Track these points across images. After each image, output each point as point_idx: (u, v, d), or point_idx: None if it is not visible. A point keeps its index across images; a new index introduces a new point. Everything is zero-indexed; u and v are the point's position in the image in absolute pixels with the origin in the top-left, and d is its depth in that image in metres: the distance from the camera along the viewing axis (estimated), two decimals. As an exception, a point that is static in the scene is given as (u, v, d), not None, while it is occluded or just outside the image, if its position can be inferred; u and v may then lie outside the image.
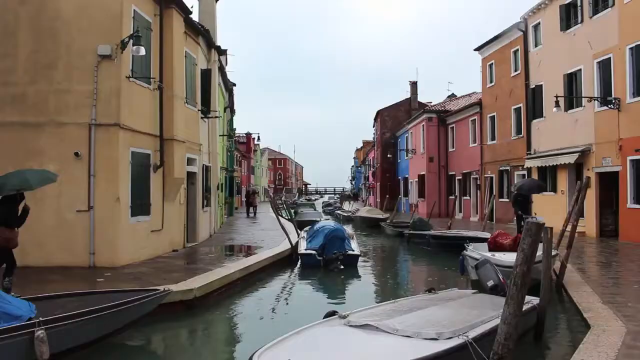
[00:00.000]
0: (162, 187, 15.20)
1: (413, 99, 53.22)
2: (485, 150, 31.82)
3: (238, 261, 14.25)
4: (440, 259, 18.40)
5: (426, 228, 23.10)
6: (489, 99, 31.44)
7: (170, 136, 15.06)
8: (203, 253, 16.15)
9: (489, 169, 31.19)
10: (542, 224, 5.72)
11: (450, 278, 14.36)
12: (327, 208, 62.03)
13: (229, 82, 31.63)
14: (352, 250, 16.77)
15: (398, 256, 21.75)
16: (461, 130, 36.21)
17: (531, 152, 25.88)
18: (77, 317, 6.87)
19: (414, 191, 43.72)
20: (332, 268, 15.46)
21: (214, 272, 12.16)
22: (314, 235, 17.27)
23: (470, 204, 34.21)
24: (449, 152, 38.62)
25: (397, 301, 8.30)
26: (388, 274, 16.66)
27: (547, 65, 24.39)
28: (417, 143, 42.89)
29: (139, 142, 13.81)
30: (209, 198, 20.73)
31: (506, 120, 28.95)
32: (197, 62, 18.60)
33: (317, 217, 31.52)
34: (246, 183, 63.35)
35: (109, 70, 12.87)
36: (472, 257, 12.56)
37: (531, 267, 5.53)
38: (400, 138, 51.49)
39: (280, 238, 19.82)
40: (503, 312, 5.49)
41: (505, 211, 28.95)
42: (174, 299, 9.63)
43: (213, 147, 22.20)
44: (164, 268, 12.76)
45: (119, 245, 12.96)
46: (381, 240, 27.12)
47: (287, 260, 16.68)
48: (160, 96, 14.79)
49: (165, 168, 15.09)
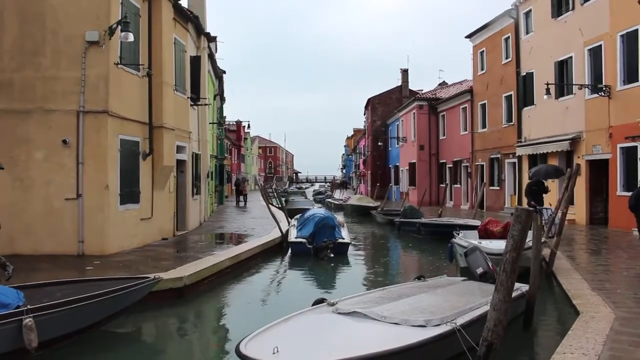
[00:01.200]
0: (152, 175, 15.14)
1: (404, 87, 53.23)
2: (476, 138, 31.91)
3: (228, 249, 14.26)
4: (431, 246, 18.47)
5: (417, 216, 23.17)
6: (480, 87, 31.48)
7: (160, 124, 14.98)
8: (193, 241, 16.14)
9: (480, 157, 31.30)
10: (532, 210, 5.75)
11: (441, 266, 14.42)
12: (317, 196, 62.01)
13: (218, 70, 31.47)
14: (343, 238, 16.78)
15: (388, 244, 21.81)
16: (452, 118, 36.27)
17: (522, 140, 25.98)
18: (66, 305, 6.85)
19: (405, 179, 43.83)
20: (323, 256, 15.49)
21: (204, 260, 12.15)
22: (304, 224, 17.27)
23: (461, 192, 34.36)
24: (440, 140, 38.70)
25: (386, 289, 8.33)
26: (378, 261, 16.71)
27: (538, 52, 24.43)
28: (407, 131, 42.93)
29: (127, 130, 13.73)
30: (198, 186, 20.68)
31: (497, 107, 29.01)
32: (187, 49, 18.47)
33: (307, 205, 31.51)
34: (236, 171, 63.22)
35: (97, 56, 12.75)
36: (461, 245, 12.63)
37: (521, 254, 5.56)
38: (391, 126, 51.51)
39: (270, 226, 19.83)
40: (492, 299, 5.51)
41: (495, 199, 29.11)
42: (164, 287, 9.63)
43: (203, 134, 22.11)
44: (154, 256, 12.75)
45: (108, 233, 12.92)
46: (372, 228, 27.18)
47: (277, 249, 16.71)
48: (149, 83, 14.69)
49: (155, 156, 15.02)
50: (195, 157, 20.12)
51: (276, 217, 18.88)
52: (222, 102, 39.94)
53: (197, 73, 19.69)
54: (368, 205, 34.74)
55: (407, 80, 53.41)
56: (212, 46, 26.80)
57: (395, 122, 48.92)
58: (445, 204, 31.57)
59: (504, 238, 12.25)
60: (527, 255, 9.13)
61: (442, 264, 14.64)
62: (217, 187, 34.71)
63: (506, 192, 28.15)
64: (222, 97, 38.01)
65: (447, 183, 34.61)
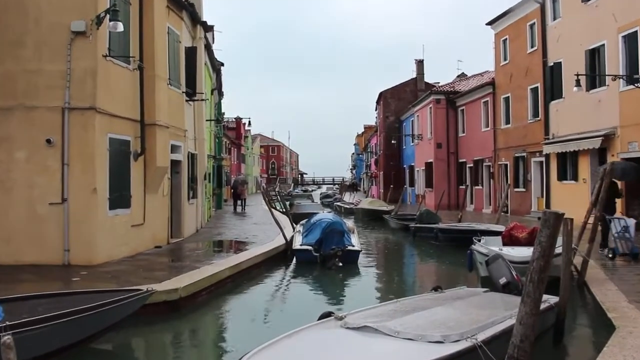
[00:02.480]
0: (144, 177, 15.16)
1: (419, 79, 53.16)
2: (499, 135, 31.80)
3: (228, 258, 14.27)
4: (449, 254, 18.41)
5: (434, 221, 23.12)
6: (503, 79, 31.37)
7: (152, 121, 15.00)
8: (189, 249, 16.16)
9: (503, 156, 31.19)
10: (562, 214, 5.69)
11: (460, 276, 14.35)
12: (325, 200, 62.02)
13: (216, 62, 31.50)
14: (352, 245, 16.78)
15: (403, 252, 21.76)
16: (472, 113, 36.17)
17: (549, 136, 25.86)
18: (49, 321, 6.83)
19: (421, 180, 43.74)
20: (330, 265, 15.46)
21: (201, 270, 12.15)
22: (311, 229, 17.26)
23: (483, 194, 34.24)
24: (459, 138, 38.60)
25: (400, 301, 8.29)
26: (391, 271, 16.67)
27: (567, 40, 24.31)
28: (423, 127, 42.85)
29: (117, 128, 13.75)
30: (195, 189, 20.70)
31: (522, 101, 28.90)
32: (181, 39, 18.50)
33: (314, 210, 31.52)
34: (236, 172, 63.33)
35: (84, 48, 12.77)
36: (482, 252, 12.57)
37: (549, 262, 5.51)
38: (405, 122, 51.43)
39: (273, 233, 19.82)
40: (519, 312, 5.46)
41: (521, 202, 28.99)
42: (158, 300, 9.61)
43: (199, 132, 22.13)
44: (146, 266, 12.75)
45: (96, 241, 12.94)
46: (385, 234, 27.13)
47: (281, 257, 16.70)
48: (140, 77, 14.70)
49: (147, 156, 15.04)
50: (191, 158, 20.14)
51: (280, 223, 18.87)
52: (220, 97, 39.98)
53: (193, 65, 19.70)
54: (380, 209, 34.71)
55: (423, 72, 53.34)
56: (209, 36, 26.84)
57: (409, 118, 48.84)
58: (465, 208, 31.46)
59: (530, 245, 12.18)
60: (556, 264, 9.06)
61: (461, 273, 14.56)
62: (215, 190, 34.73)
63: (532, 194, 28.02)
64: (220, 92, 38.05)
65: (467, 184, 34.51)
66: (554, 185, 25.56)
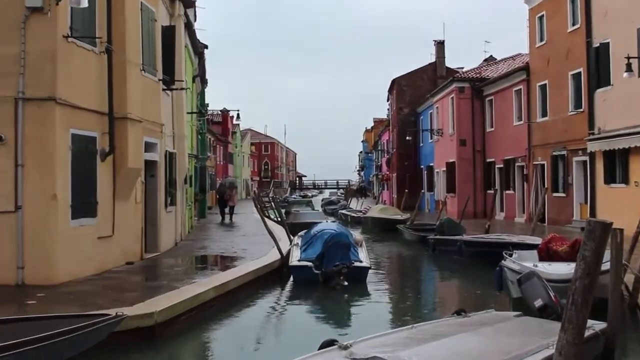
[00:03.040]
0: (113, 181, 15.14)
1: (439, 64, 53.13)
2: (534, 129, 31.77)
3: (212, 276, 14.25)
4: (475, 271, 18.39)
5: (457, 232, 23.06)
6: (539, 63, 31.35)
7: (123, 114, 14.98)
8: (167, 266, 16.16)
9: (539, 155, 31.16)
10: (610, 223, 5.68)
11: (488, 297, 14.34)
12: (328, 207, 61.99)
13: (198, 43, 31.52)
14: (360, 261, 16.77)
15: (420, 268, 21.75)
16: (502, 104, 36.15)
17: (595, 131, 25.83)
18: (0, 352, 6.82)
19: (441, 184, 43.69)
20: (334, 285, 15.44)
21: (181, 290, 12.13)
22: (311, 242, 17.25)
23: (515, 200, 34.20)
24: (487, 133, 38.57)
25: (416, 327, 8.27)
26: (406, 291, 16.65)
27: (616, 16, 24.29)
28: (444, 121, 42.85)
29: (81, 122, 13.74)
30: (173, 195, 20.70)
31: (561, 89, 28.88)
32: (157, 17, 18.49)
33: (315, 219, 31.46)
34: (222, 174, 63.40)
35: (41, 27, 12.75)
36: (513, 269, 12.54)
37: (595, 281, 5.49)
38: (422, 115, 51.42)
39: (266, 246, 19.80)
40: (558, 340, 5.45)
41: (561, 209, 28.95)
42: (130, 326, 9.59)
43: (179, 128, 22.14)
44: (116, 286, 12.73)
45: (55, 256, 12.92)
46: (398, 247, 27.10)
47: (275, 275, 16.67)
48: (108, 62, 14.68)
49: (117, 156, 15.02)
50: (170, 157, 20.14)
51: (274, 235, 18.86)
52: (204, 86, 40.00)
53: (171, 48, 19.69)
54: (394, 219, 34.65)
55: (444, 55, 53.32)
56: (190, 13, 26.87)
57: (428, 110, 48.82)
58: (494, 216, 31.41)
59: (572, 260, 12.14)
60: (603, 283, 9.04)
61: (489, 294, 14.54)
62: (198, 196, 34.73)
63: (574, 199, 27.99)
64: (203, 79, 38.07)
65: (496, 189, 34.47)
66: (600, 190, 25.52)
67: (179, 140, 22.01)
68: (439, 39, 53.71)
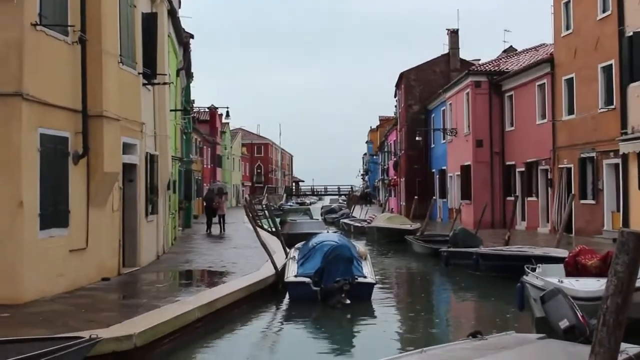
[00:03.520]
0: (87, 187, 15.12)
1: (453, 55, 53.19)
2: (560, 129, 31.77)
3: (198, 294, 14.23)
4: (493, 288, 18.39)
5: (473, 243, 23.06)
6: (565, 54, 31.36)
7: (98, 111, 14.96)
8: (147, 282, 16.14)
9: (566, 157, 31.15)
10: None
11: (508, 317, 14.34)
12: (328, 215, 61.93)
13: (183, 33, 31.55)
14: (364, 276, 16.75)
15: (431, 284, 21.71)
16: (524, 101, 36.16)
17: (628, 130, 25.83)
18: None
19: (455, 190, 43.68)
20: (335, 303, 15.41)
21: (163, 310, 12.12)
22: (309, 255, 17.23)
23: (538, 207, 34.17)
24: (506, 133, 38.56)
25: (426, 351, 8.24)
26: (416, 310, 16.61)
27: (650, 3, 24.30)
28: (459, 119, 42.85)
29: (51, 121, 13.74)
30: (155, 202, 20.68)
31: (590, 84, 28.89)
32: (137, 3, 18.51)
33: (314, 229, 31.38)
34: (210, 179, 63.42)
35: (5, 14, 12.74)
36: (536, 286, 12.51)
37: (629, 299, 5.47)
38: (434, 112, 51.44)
39: (259, 260, 19.80)
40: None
41: (590, 218, 28.93)
42: (106, 350, 9.57)
43: (161, 127, 22.12)
44: (90, 305, 12.69)
45: (21, 271, 12.89)
46: (407, 261, 27.07)
47: (269, 292, 16.66)
48: (82, 53, 14.66)
49: (91, 158, 15.00)
50: (151, 160, 20.12)
51: (268, 247, 18.83)
52: (189, 80, 40.01)
53: (153, 38, 19.67)
54: (402, 229, 34.62)
55: (458, 45, 53.38)
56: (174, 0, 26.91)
57: (440, 107, 48.84)
58: (514, 226, 31.38)
59: (602, 275, 12.12)
60: (638, 301, 9.02)
61: (509, 313, 14.53)
62: (183, 204, 34.69)
63: (605, 207, 27.97)
64: (188, 73, 38.09)
65: (516, 195, 34.40)
66: (634, 196, 25.49)
67: (161, 141, 21.99)
68: (453, 28, 53.82)
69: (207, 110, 65.53)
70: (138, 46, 18.52)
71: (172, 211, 27.04)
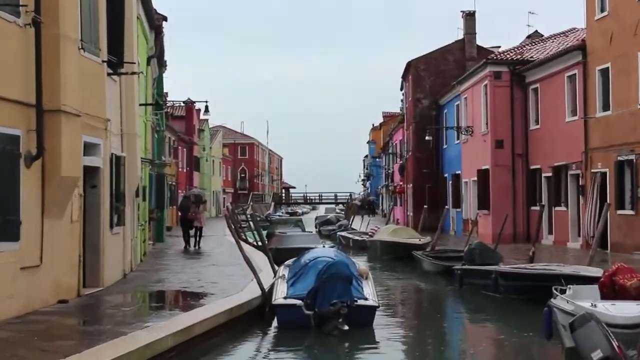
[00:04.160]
0: (42, 194, 15.08)
1: (468, 42, 53.28)
2: (593, 127, 31.78)
3: (172, 319, 14.19)
4: (516, 313, 18.44)
5: (492, 260, 23.04)
6: (599, 40, 31.38)
7: (55, 106, 14.92)
8: (112, 305, 16.07)
9: (600, 160, 31.14)
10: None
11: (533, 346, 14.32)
12: (324, 227, 61.90)
13: (155, 15, 31.51)
14: (365, 298, 16.69)
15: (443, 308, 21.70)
16: (551, 94, 36.19)
17: (671, 129, 25.88)
18: None
19: (471, 198, 43.70)
20: (330, 329, 15.34)
21: (130, 337, 12.07)
22: (301, 274, 17.18)
23: (568, 219, 34.16)
24: (530, 132, 38.60)
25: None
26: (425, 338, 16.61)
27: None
28: (475, 116, 42.90)
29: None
30: (121, 212, 20.63)
31: (629, 74, 28.92)
32: (100, -22, 18.51)
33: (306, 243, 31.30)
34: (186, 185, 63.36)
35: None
36: (565, 311, 12.49)
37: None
38: (446, 108, 51.51)
39: (243, 279, 19.80)
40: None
41: (628, 231, 28.92)
42: (61, 385, 9.54)
43: (129, 124, 22.08)
44: (44, 332, 12.62)
45: (-34, 292, 12.85)
46: (415, 280, 27.07)
47: (254, 317, 16.62)
48: (36, 37, 14.62)
49: (47, 160, 14.96)
50: (117, 163, 20.09)
51: (253, 264, 18.79)
52: (162, 70, 39.97)
53: (120, 20, 19.64)
54: (409, 243, 34.60)
55: (474, 30, 53.48)
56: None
57: (453, 102, 48.90)
58: (540, 240, 31.38)
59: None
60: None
61: (535, 342, 14.54)
62: (154, 213, 34.59)
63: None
64: (161, 61, 38.04)
65: (542, 204, 34.41)
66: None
67: (129, 140, 21.95)
68: (469, 10, 53.91)
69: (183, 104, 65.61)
70: (102, 30, 18.48)
71: (141, 222, 26.97)
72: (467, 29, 53.53)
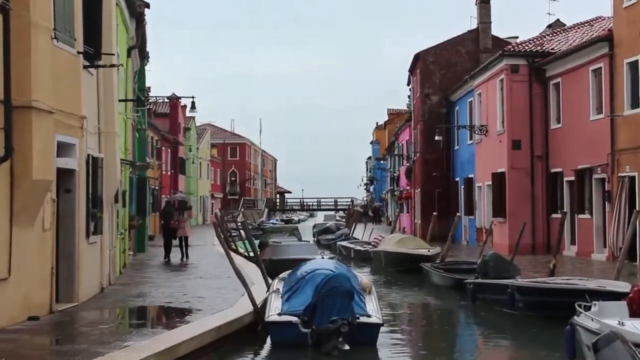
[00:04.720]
0: (10, 199, 15.08)
1: (483, 32, 53.28)
2: (620, 126, 31.79)
3: (154, 337, 14.16)
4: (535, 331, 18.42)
5: (508, 274, 23.04)
6: (627, 30, 31.40)
7: (26, 102, 14.92)
8: (88, 322, 16.07)
9: (628, 162, 31.15)
10: None
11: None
12: (322, 236, 61.96)
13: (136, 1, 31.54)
14: (368, 315, 16.71)
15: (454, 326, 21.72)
16: (574, 90, 36.20)
17: None
18: None
19: (485, 205, 43.72)
20: (330, 349, 15.38)
21: (107, 358, 12.06)
22: (297, 288, 17.21)
23: (593, 227, 34.15)
24: (551, 131, 38.61)
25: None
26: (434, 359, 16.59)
27: None
28: (490, 114, 42.93)
29: (-36, 113, 13.72)
30: (99, 219, 20.63)
31: (659, 69, 28.96)
32: (76, -39, 18.52)
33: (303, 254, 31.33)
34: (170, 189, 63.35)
35: None
36: (589, 329, 12.48)
37: None
38: (458, 105, 51.54)
39: (233, 293, 19.88)
40: None
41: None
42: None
43: (107, 122, 22.10)
44: (13, 352, 12.62)
45: None
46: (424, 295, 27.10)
47: (246, 335, 16.67)
48: (4, 25, 14.64)
49: (16, 162, 14.96)
50: (94, 165, 20.09)
51: (244, 277, 18.80)
52: (144, 62, 39.99)
53: (97, 8, 19.66)
54: (417, 254, 34.60)
55: (489, 19, 53.47)
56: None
57: (466, 98, 48.93)
58: (562, 252, 31.40)
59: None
60: None
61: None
62: (135, 221, 34.57)
63: (677, 228, 28.02)
64: (142, 53, 38.05)
65: (564, 211, 34.40)
66: None
67: (107, 139, 21.96)
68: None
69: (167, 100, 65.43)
70: (77, 18, 18.49)
71: (121, 230, 26.98)
72: (482, 17, 53.46)
